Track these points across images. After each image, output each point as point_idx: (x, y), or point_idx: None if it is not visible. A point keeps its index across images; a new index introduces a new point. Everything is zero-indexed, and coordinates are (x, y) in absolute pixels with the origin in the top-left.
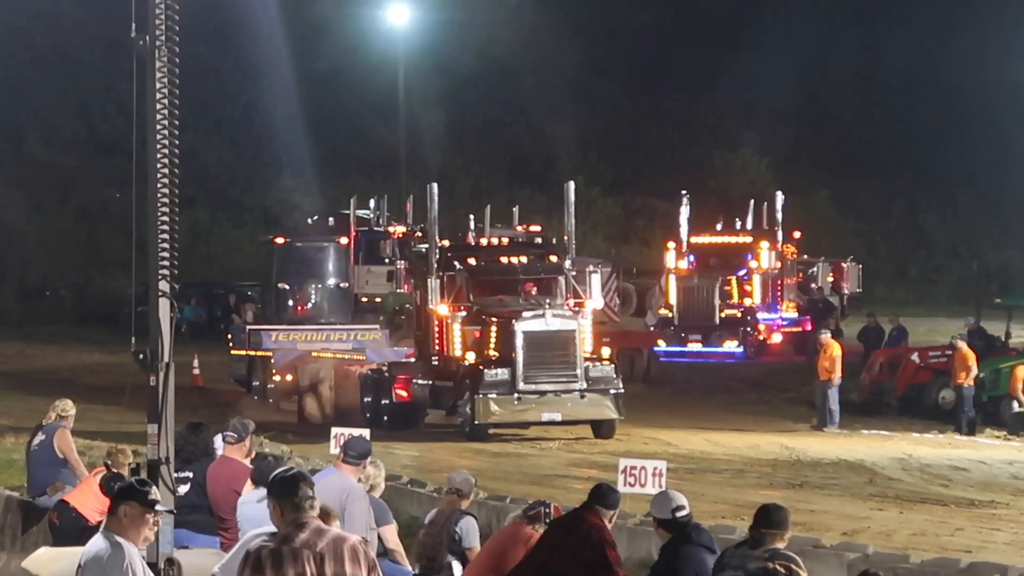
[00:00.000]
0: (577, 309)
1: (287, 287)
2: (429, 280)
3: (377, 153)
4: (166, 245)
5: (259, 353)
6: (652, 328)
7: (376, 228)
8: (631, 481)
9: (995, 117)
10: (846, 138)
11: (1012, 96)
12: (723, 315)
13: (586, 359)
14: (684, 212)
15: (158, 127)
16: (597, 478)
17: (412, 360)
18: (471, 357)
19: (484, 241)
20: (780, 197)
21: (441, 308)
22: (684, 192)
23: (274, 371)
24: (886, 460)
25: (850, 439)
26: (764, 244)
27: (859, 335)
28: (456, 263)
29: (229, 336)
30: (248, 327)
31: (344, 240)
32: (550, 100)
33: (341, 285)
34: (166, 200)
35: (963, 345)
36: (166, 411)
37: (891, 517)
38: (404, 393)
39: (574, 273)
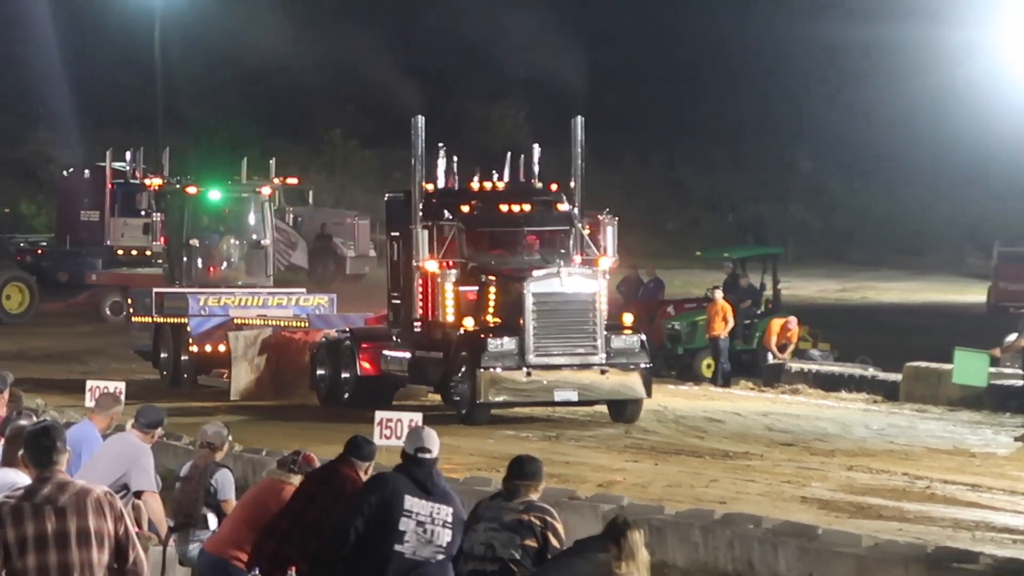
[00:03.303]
0: (594, 268)
1: (198, 244)
2: (414, 231)
3: (134, 105)
4: None
5: (170, 320)
6: None
7: (132, 181)
8: (387, 433)
9: (752, 71)
10: (604, 91)
11: (771, 50)
12: None
13: (607, 327)
14: (441, 164)
15: None
16: (354, 430)
17: (378, 327)
18: (469, 323)
19: (475, 186)
20: (537, 150)
21: (430, 264)
22: (441, 145)
23: (191, 341)
24: (642, 412)
25: None
26: None
27: (618, 287)
28: (446, 211)
29: (130, 300)
30: (155, 290)
31: (267, 190)
32: (309, 52)
33: (262, 242)
34: None
35: (719, 297)
36: None
37: (646, 469)
38: (370, 366)
39: (585, 226)
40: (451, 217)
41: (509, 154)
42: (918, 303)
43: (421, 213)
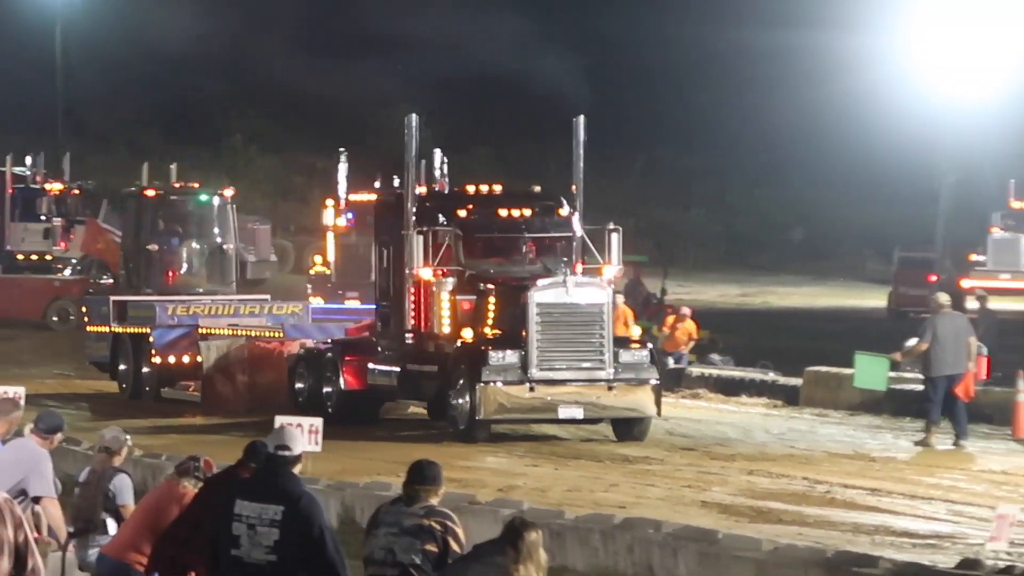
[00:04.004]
0: (600, 277)
1: (157, 248)
2: (408, 236)
3: (35, 110)
4: None
5: (129, 330)
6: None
7: (32, 185)
8: None
9: (652, 76)
10: (506, 100)
11: (673, 55)
12: None
13: (614, 340)
14: (342, 169)
15: None
16: (254, 435)
17: (362, 338)
18: (468, 335)
19: (471, 189)
20: (439, 155)
21: (424, 272)
22: (342, 149)
23: (154, 352)
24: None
25: None
26: None
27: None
28: (439, 216)
29: (84, 309)
30: (112, 298)
31: (229, 192)
32: (211, 58)
33: (225, 246)
34: None
35: (620, 301)
36: None
37: (546, 473)
38: (354, 379)
39: (581, 232)
40: (444, 222)
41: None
42: (819, 308)
43: (414, 219)
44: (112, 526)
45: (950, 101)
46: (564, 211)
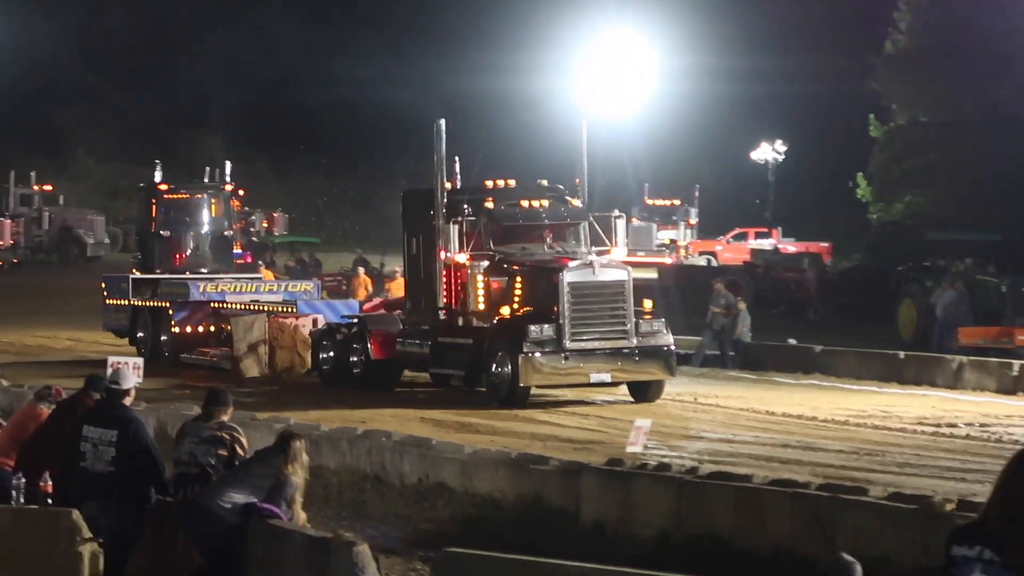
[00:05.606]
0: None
1: (168, 235)
2: (439, 226)
3: None
4: None
5: (149, 303)
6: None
7: None
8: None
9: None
10: (284, 120)
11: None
12: None
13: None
14: (158, 176)
15: None
16: (92, 370)
17: (385, 314)
18: (505, 311)
19: (489, 183)
20: (228, 165)
21: (460, 257)
22: (157, 161)
23: (173, 323)
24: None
25: None
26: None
27: (286, 268)
28: (467, 207)
29: (103, 284)
30: (132, 276)
31: (229, 186)
32: (54, 83)
33: (226, 233)
34: None
35: (361, 271)
36: None
37: (310, 399)
38: (381, 350)
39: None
40: (469, 212)
41: (208, 168)
42: None
43: (445, 210)
44: None
45: (602, 121)
46: (577, 201)
